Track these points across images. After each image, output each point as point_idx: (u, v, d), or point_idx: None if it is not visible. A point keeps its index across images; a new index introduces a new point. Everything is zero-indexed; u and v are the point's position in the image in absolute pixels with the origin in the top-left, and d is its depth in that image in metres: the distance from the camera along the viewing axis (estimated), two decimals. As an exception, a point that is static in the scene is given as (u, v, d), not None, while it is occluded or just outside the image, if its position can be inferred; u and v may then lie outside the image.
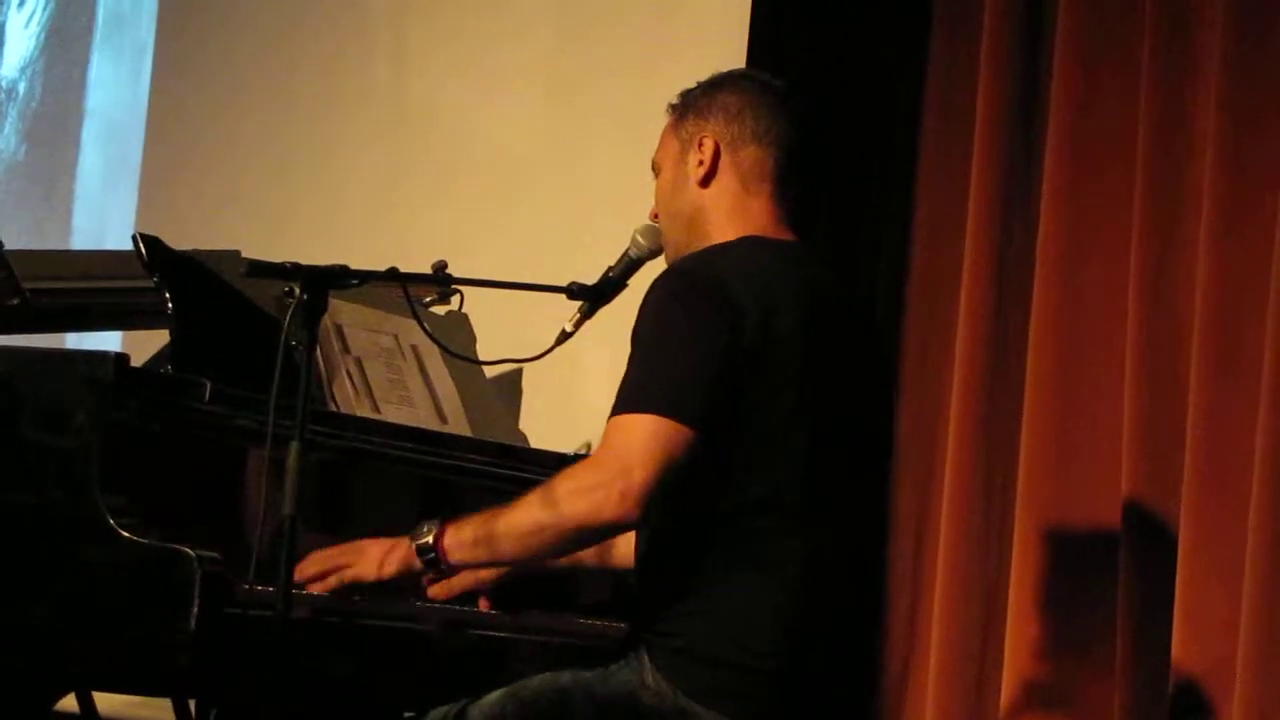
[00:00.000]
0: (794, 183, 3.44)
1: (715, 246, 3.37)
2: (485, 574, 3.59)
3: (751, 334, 3.21)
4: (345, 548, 3.43)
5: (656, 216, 3.54)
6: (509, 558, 3.35)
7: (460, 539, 3.30)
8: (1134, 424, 4.55)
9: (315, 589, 3.43)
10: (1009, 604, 4.69)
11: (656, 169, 3.52)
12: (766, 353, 3.22)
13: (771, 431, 3.23)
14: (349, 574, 3.40)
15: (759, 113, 3.43)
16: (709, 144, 3.43)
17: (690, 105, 3.47)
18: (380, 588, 3.39)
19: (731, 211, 3.41)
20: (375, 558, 3.38)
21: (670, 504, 3.18)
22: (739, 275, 3.26)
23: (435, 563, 3.32)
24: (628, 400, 3.20)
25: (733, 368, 3.20)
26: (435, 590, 3.52)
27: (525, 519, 3.23)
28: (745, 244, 3.36)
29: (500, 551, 3.30)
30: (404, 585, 3.42)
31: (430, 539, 3.31)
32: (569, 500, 3.18)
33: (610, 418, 3.19)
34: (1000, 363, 4.82)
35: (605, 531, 3.25)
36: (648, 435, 3.15)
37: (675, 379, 3.18)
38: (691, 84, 3.54)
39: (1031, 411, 4.71)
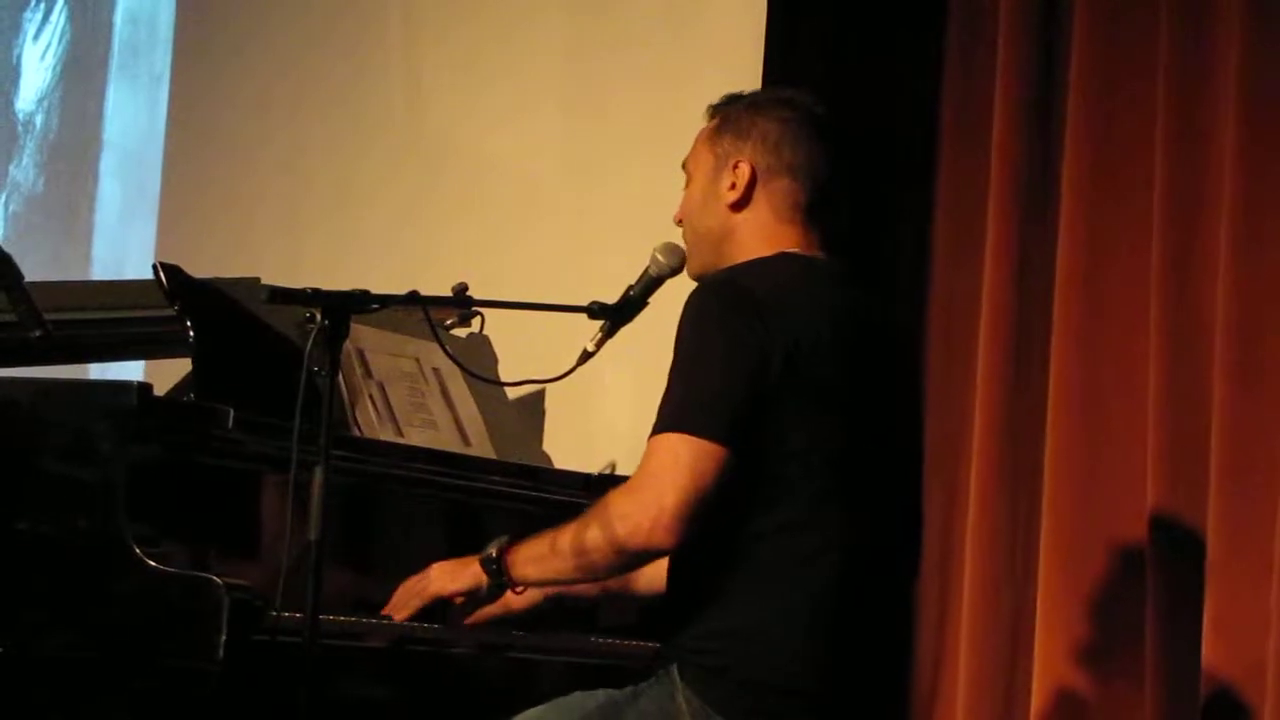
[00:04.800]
0: (826, 211, 3.46)
1: (753, 261, 3.38)
2: (515, 602, 3.60)
3: (785, 352, 3.23)
4: (419, 575, 3.55)
5: (680, 221, 3.55)
6: (563, 577, 3.40)
7: (522, 556, 3.39)
8: (1159, 431, 4.54)
9: (399, 618, 3.54)
10: (1037, 614, 4.67)
11: (687, 174, 3.52)
12: (800, 371, 3.23)
13: (803, 449, 3.24)
14: (430, 591, 3.52)
15: (797, 144, 3.44)
16: (744, 170, 3.44)
17: (730, 122, 3.48)
18: (463, 603, 3.51)
19: (764, 236, 3.43)
20: (448, 572, 3.51)
21: (708, 523, 3.18)
22: (775, 291, 3.28)
23: (499, 575, 3.41)
24: (663, 419, 3.23)
25: (766, 385, 3.21)
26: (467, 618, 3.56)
27: (572, 543, 3.29)
28: (781, 260, 3.38)
29: (556, 569, 3.36)
30: (472, 600, 3.51)
31: (495, 553, 3.41)
32: (608, 526, 3.23)
33: (650, 436, 3.22)
34: (1023, 374, 4.81)
35: (644, 556, 3.27)
36: (679, 457, 3.18)
37: (709, 397, 3.20)
38: (707, 102, 3.55)
39: (1055, 422, 4.70)
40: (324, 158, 6.00)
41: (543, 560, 3.36)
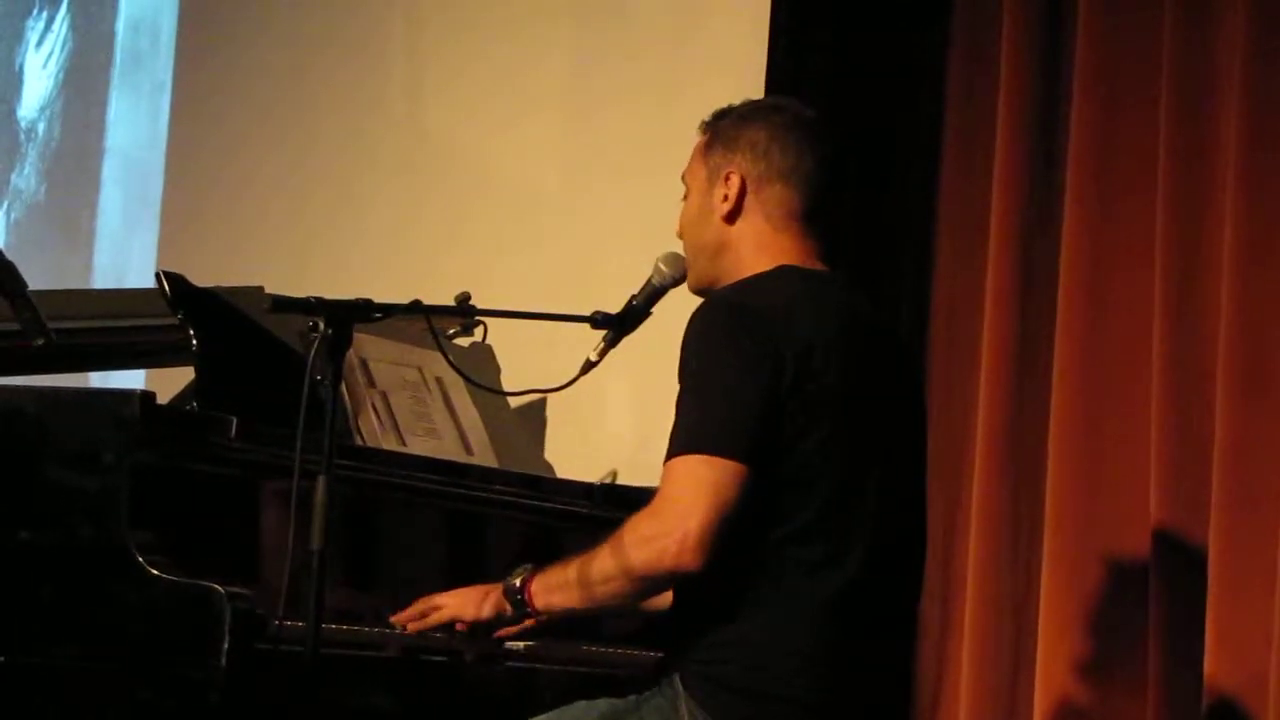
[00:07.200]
0: (822, 217, 3.44)
1: (754, 277, 3.37)
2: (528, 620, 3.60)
3: (792, 367, 3.22)
4: (449, 592, 3.51)
5: (681, 235, 3.55)
6: (586, 606, 3.36)
7: (544, 585, 3.36)
8: (1161, 440, 4.53)
9: (413, 627, 3.52)
10: (1039, 623, 4.67)
11: (685, 188, 3.52)
12: (806, 385, 3.23)
13: (809, 462, 3.23)
14: (447, 613, 3.49)
15: (786, 149, 3.43)
16: (735, 180, 3.43)
17: (720, 135, 3.47)
18: (479, 629, 3.48)
19: (760, 247, 3.42)
20: (474, 599, 3.46)
21: (731, 541, 3.18)
22: (779, 306, 3.27)
23: (522, 605, 3.37)
24: (680, 442, 3.21)
25: (776, 400, 3.21)
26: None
27: (596, 570, 3.27)
28: (782, 273, 3.37)
29: (580, 598, 3.33)
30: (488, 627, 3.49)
31: (519, 582, 3.37)
32: (632, 551, 3.21)
33: (666, 460, 3.21)
34: (1026, 382, 4.81)
35: (671, 579, 3.26)
36: (701, 478, 3.17)
37: (725, 415, 3.19)
38: (710, 110, 3.55)
39: (1058, 430, 4.70)
40: (327, 166, 6.00)
41: (567, 589, 3.32)
